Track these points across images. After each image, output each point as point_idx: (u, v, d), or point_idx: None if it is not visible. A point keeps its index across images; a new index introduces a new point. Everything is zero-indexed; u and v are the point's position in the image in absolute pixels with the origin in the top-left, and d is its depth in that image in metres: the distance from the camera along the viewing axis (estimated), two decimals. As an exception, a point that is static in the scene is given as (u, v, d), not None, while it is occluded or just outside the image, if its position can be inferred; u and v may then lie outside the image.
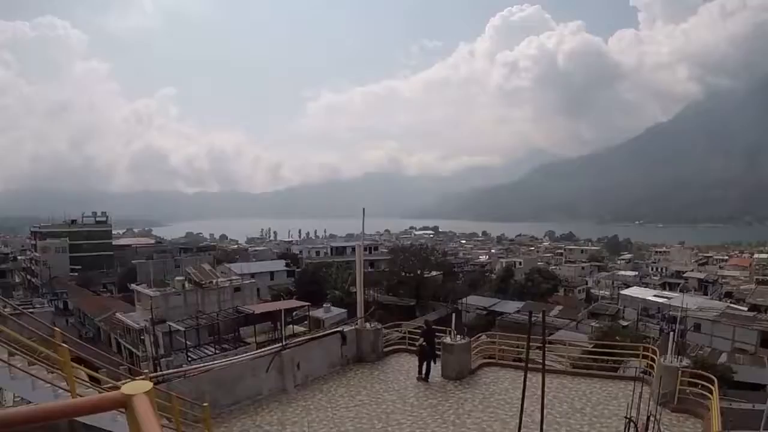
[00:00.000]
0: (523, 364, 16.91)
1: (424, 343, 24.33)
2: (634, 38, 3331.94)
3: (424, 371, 23.98)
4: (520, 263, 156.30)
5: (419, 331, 26.00)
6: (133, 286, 69.44)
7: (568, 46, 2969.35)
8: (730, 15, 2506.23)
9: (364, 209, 28.83)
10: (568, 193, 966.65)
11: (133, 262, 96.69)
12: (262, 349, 22.79)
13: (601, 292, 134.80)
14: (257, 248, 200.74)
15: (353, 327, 26.72)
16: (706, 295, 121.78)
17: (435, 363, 24.38)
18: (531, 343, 13.11)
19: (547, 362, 37.04)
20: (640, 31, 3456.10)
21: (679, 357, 21.05)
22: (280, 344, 22.50)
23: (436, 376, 23.64)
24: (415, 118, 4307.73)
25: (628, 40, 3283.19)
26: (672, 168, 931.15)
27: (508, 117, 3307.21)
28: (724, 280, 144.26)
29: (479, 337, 27.90)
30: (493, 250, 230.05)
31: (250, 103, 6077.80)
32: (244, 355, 22.56)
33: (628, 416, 12.90)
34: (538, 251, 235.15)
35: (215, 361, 21.95)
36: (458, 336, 24.28)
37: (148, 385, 2.65)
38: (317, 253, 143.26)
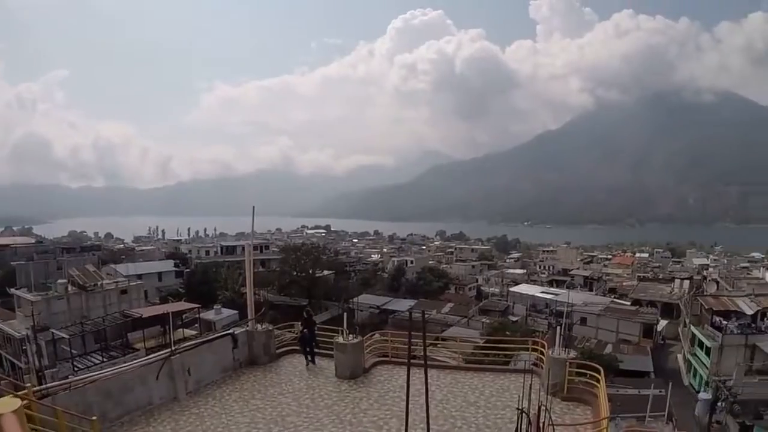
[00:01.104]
0: (416, 361, 17.07)
1: (305, 331, 25.12)
2: (531, 49, 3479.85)
3: (309, 357, 25.14)
4: (411, 262, 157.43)
5: (302, 323, 26.17)
6: (12, 290, 66.04)
7: (467, 51, 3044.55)
8: (624, 34, 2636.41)
9: (254, 207, 28.41)
10: (460, 194, 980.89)
11: (11, 263, 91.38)
12: (152, 355, 21.63)
13: (491, 289, 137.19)
14: (144, 248, 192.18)
15: (244, 329, 25.91)
16: (591, 291, 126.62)
17: (317, 346, 25.63)
18: (422, 340, 13.14)
19: (440, 358, 37.52)
20: (538, 42, 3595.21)
21: (567, 349, 21.77)
22: (169, 349, 21.41)
23: (331, 377, 23.42)
24: (311, 115, 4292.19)
25: (525, 51, 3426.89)
26: (560, 173, 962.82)
27: (403, 118, 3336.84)
28: (607, 277, 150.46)
29: (372, 335, 27.73)
30: (385, 249, 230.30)
31: (141, 91, 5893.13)
32: (133, 362, 21.14)
33: (520, 407, 13.01)
34: (429, 250, 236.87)
35: (103, 370, 20.73)
36: (351, 335, 24.12)
37: (16, 402, 2.41)
38: (207, 252, 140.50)
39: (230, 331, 25.46)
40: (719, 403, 49.98)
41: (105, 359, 43.70)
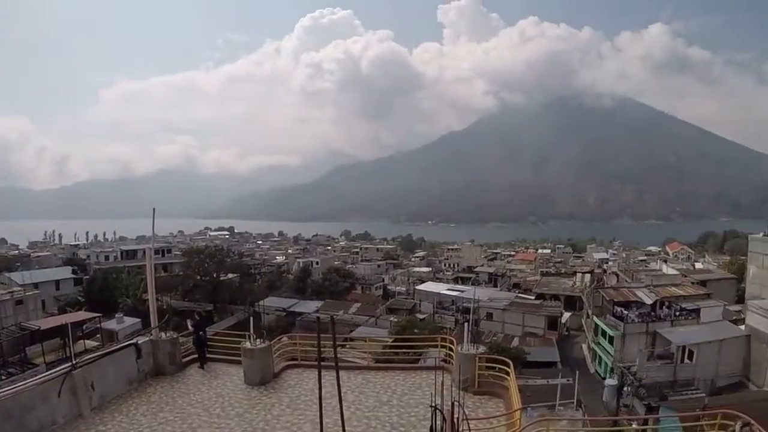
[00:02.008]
0: (326, 363, 16.92)
1: (201, 334, 25.32)
2: (438, 52, 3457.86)
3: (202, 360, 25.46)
4: (317, 263, 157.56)
5: (193, 325, 26.23)
6: None
7: (373, 52, 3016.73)
8: (529, 40, 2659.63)
9: (154, 209, 27.60)
10: (365, 194, 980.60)
11: None
12: (52, 371, 20.34)
13: (397, 288, 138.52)
14: (41, 254, 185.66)
15: (148, 338, 24.92)
16: (496, 287, 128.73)
17: (207, 348, 25.90)
18: (331, 342, 13.03)
19: (350, 359, 37.38)
20: (444, 46, 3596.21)
21: (475, 344, 22.17)
22: (70, 363, 20.21)
23: (240, 384, 22.90)
24: (215, 113, 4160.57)
25: (431, 53, 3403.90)
26: (464, 173, 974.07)
27: (309, 118, 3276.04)
28: (511, 273, 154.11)
29: (280, 339, 27.37)
30: (290, 251, 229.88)
31: (38, 84, 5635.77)
32: (33, 379, 20.08)
33: (433, 404, 13.18)
34: (334, 251, 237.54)
35: (1, 390, 19.70)
36: (258, 340, 23.71)
37: None
38: (107, 257, 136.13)
39: (133, 340, 24.38)
40: (625, 388, 51.75)
41: (2, 377, 41.53)
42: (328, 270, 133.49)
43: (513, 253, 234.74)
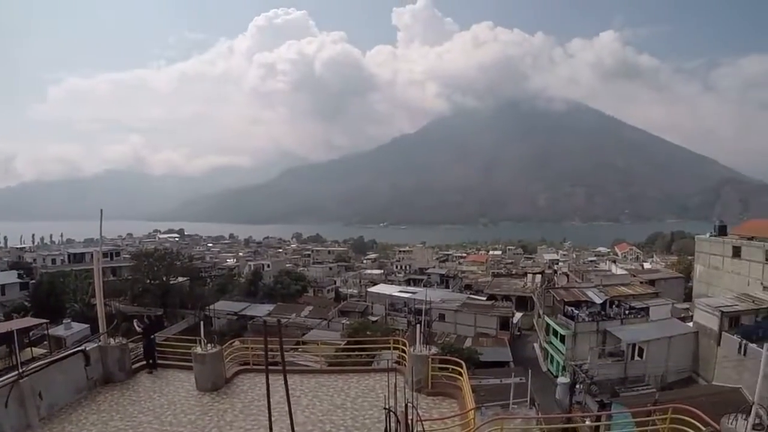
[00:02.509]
0: (278, 367, 16.77)
1: (151, 338, 25.14)
2: (392, 54, 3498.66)
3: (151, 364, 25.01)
4: (268, 266, 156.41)
5: (142, 328, 25.75)
6: None
7: (327, 54, 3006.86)
8: (482, 44, 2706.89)
9: (102, 211, 26.99)
10: (317, 196, 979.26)
11: None
12: None
13: (349, 290, 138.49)
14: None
15: (97, 344, 24.08)
16: (448, 288, 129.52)
17: (157, 353, 25.49)
18: (284, 345, 12.90)
19: (303, 362, 37.16)
20: (398, 48, 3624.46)
21: (428, 345, 22.16)
22: (17, 372, 19.48)
23: (192, 390, 22.47)
24: (166, 112, 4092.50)
25: (385, 55, 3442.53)
26: (416, 175, 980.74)
27: (261, 118, 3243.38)
28: (463, 275, 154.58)
29: (232, 343, 27.09)
30: (240, 253, 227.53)
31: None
32: None
33: (387, 406, 13.19)
34: (286, 253, 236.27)
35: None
36: (209, 344, 23.29)
37: None
38: (54, 261, 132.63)
39: (82, 347, 23.53)
40: (577, 386, 52.50)
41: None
42: (280, 273, 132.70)
43: (464, 254, 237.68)
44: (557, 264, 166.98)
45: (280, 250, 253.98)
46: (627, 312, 71.59)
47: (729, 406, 15.37)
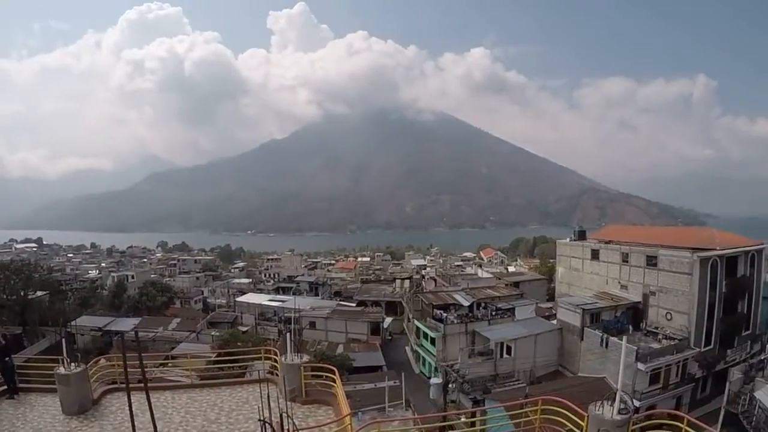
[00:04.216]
0: (141, 385, 16.01)
1: (8, 359, 22.93)
2: (265, 58, 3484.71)
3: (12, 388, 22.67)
4: (132, 277, 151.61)
5: None
6: None
7: (198, 54, 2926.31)
8: (356, 53, 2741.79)
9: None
10: (182, 202, 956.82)
11: None
12: None
13: (217, 300, 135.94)
14: None
15: None
16: (318, 295, 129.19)
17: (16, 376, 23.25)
18: (153, 360, 12.36)
19: (173, 377, 36.02)
20: (272, 53, 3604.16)
21: (300, 354, 22.11)
22: None
23: (58, 414, 20.96)
24: (24, 107, 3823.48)
25: (258, 59, 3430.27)
26: (284, 181, 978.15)
27: (126, 119, 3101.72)
28: (332, 282, 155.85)
29: (97, 361, 25.42)
30: (103, 264, 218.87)
31: None
32: None
33: (262, 418, 13.02)
34: (151, 263, 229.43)
35: None
36: (73, 364, 21.83)
37: None
38: None
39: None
40: (450, 385, 53.90)
41: None
42: (145, 284, 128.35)
43: (333, 261, 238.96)
44: (425, 269, 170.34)
45: (145, 260, 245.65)
46: (494, 313, 74.26)
47: (595, 394, 16.26)
